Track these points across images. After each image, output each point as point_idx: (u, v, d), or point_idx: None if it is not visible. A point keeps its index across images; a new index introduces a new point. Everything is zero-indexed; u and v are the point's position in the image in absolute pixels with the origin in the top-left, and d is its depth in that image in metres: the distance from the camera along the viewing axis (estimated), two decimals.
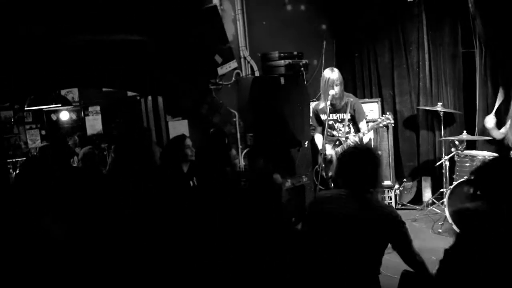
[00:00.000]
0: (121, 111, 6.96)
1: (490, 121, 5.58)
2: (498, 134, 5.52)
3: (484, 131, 5.84)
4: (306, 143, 5.58)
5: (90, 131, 7.92)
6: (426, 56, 6.54)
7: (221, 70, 5.28)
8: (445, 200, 5.33)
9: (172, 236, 3.61)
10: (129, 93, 6.34)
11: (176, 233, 3.67)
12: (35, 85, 4.38)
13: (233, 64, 5.43)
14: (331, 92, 4.73)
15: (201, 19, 5.07)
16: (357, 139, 4.78)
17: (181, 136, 4.45)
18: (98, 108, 7.98)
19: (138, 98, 6.05)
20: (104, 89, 7.28)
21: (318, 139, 5.11)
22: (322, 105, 4.91)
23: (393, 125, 5.19)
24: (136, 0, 4.56)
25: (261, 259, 2.95)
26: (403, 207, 6.50)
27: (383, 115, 4.93)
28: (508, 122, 5.50)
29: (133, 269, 3.23)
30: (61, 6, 4.08)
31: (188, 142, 4.34)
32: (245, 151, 5.71)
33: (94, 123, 8.02)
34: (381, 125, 4.89)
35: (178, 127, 5.33)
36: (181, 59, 4.92)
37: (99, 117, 8.02)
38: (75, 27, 4.22)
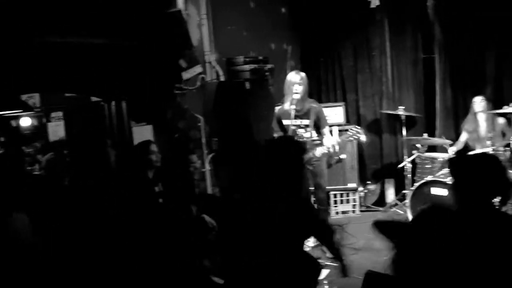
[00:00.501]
0: (84, 116, 6.83)
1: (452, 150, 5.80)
2: (460, 145, 5.80)
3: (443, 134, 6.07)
4: None
5: (52, 137, 7.73)
6: (389, 61, 6.69)
7: (186, 75, 5.25)
8: (407, 201, 5.44)
9: (139, 240, 3.58)
10: (93, 98, 6.23)
11: (141, 237, 3.64)
12: None
13: (198, 69, 5.42)
14: (294, 96, 4.75)
15: (165, 23, 5.03)
16: (326, 151, 4.78)
17: (146, 141, 4.41)
18: (61, 113, 7.80)
19: (102, 103, 5.95)
20: (67, 94, 7.12)
21: None
22: (285, 108, 4.92)
23: (363, 140, 5.03)
24: (100, 2, 4.49)
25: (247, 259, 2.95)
26: (367, 209, 6.61)
27: (354, 129, 4.81)
28: (464, 132, 5.73)
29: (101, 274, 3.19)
30: (21, 7, 3.99)
31: (154, 148, 4.31)
32: (210, 156, 5.69)
33: (57, 129, 7.83)
34: (351, 139, 4.86)
35: (143, 132, 5.25)
36: (145, 64, 4.87)
37: (62, 123, 7.84)
38: (36, 29, 4.12)
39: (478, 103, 5.62)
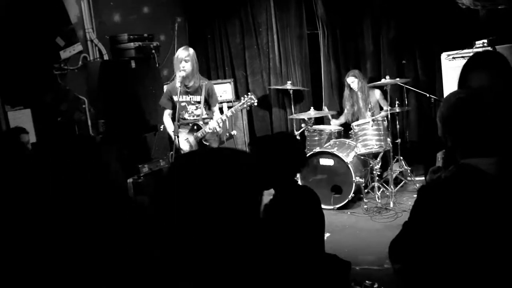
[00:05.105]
0: None
1: (334, 123, 6.13)
2: (342, 120, 6.13)
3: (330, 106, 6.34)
4: (162, 126, 5.50)
5: None
6: (275, 37, 6.81)
7: (64, 54, 4.95)
8: None
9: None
10: None
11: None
12: None
13: (77, 47, 5.12)
14: (181, 73, 4.67)
15: None
16: (217, 124, 4.77)
17: (14, 129, 4.08)
18: None
19: None
20: None
21: (167, 119, 5.01)
22: (176, 85, 4.84)
23: (255, 104, 5.01)
24: None
25: None
26: None
27: (246, 96, 4.88)
28: (345, 107, 6.03)
29: None
30: None
31: (25, 138, 3.96)
32: (98, 137, 5.45)
33: None
34: (245, 105, 4.88)
35: (21, 117, 4.88)
36: (17, 42, 4.50)
37: None
38: None
39: (351, 83, 5.85)
